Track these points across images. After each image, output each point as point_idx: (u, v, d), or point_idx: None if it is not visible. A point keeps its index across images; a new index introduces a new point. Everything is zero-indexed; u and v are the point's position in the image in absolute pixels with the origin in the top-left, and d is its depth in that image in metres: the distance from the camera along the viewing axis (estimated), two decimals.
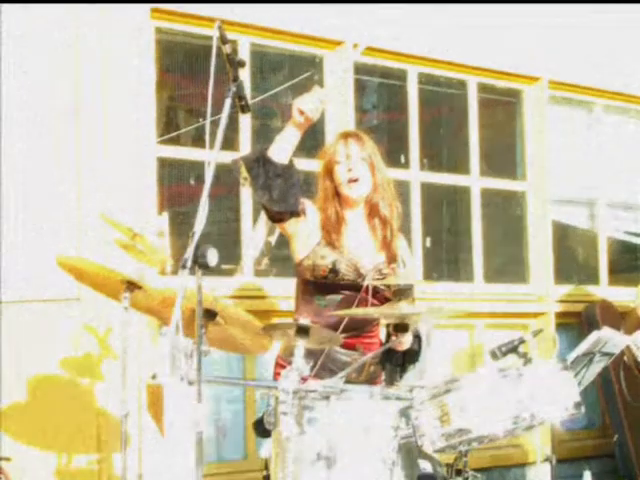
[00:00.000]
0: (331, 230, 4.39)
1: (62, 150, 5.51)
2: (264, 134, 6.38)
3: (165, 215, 5.77)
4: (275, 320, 5.62)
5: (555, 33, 7.36)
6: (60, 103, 5.52)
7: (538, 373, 3.61)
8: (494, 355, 4.02)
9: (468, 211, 7.27)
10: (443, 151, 7.78)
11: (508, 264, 7.58)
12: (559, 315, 7.37)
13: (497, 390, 3.54)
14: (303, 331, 3.64)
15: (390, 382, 4.40)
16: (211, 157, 3.41)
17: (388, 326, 4.34)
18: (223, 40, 3.56)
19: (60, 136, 5.51)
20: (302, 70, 6.66)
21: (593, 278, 7.94)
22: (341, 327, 4.24)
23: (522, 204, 7.55)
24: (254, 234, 6.35)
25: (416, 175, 6.95)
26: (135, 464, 5.23)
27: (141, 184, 5.58)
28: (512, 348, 3.97)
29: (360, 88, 6.95)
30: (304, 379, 3.70)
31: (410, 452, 3.66)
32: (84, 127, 5.50)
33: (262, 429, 3.78)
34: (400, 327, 4.00)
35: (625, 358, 6.24)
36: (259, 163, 4.23)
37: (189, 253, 3.29)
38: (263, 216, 6.11)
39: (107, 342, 5.34)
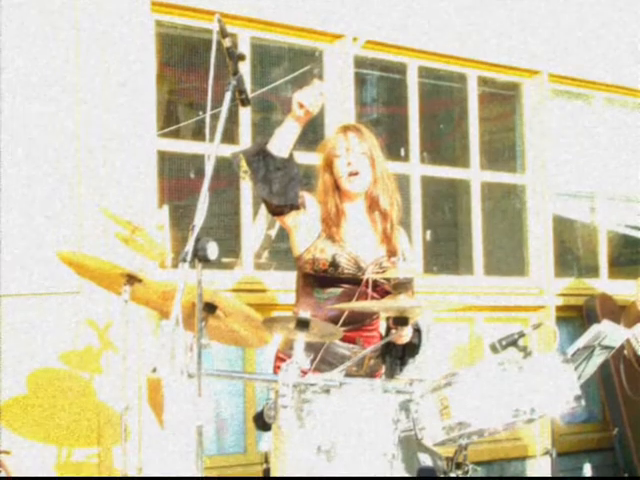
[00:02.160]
0: (331, 223, 4.38)
1: (62, 143, 5.50)
2: (264, 127, 6.37)
3: (165, 208, 5.76)
4: (275, 313, 5.62)
5: (555, 26, 7.35)
6: (60, 96, 5.51)
7: (538, 366, 3.61)
8: (494, 348, 4.02)
9: (468, 204, 7.26)
10: (443, 144, 7.77)
11: (508, 257, 7.57)
12: (559, 308, 7.36)
13: (497, 383, 3.54)
14: (303, 324, 3.64)
15: (390, 375, 4.40)
16: (211, 150, 3.41)
17: (388, 319, 4.34)
18: (223, 33, 3.56)
19: (60, 129, 5.51)
20: (302, 63, 6.65)
21: (593, 271, 7.94)
22: (341, 320, 4.24)
23: (522, 197, 7.54)
24: (254, 227, 6.34)
25: (416, 168, 6.94)
26: (135, 457, 5.23)
27: (141, 177, 5.57)
28: (512, 341, 3.96)
29: (360, 81, 6.94)
30: (304, 372, 3.70)
31: (410, 445, 3.66)
32: (84, 120, 5.49)
33: (262, 422, 3.78)
34: (400, 320, 4.00)
35: (625, 352, 6.24)
36: (259, 156, 4.23)
37: (189, 246, 3.29)
38: (263, 209, 6.11)
39: (107, 335, 5.34)
